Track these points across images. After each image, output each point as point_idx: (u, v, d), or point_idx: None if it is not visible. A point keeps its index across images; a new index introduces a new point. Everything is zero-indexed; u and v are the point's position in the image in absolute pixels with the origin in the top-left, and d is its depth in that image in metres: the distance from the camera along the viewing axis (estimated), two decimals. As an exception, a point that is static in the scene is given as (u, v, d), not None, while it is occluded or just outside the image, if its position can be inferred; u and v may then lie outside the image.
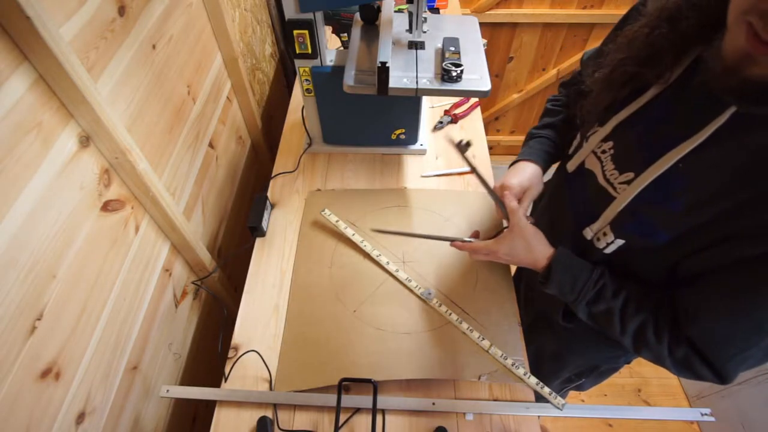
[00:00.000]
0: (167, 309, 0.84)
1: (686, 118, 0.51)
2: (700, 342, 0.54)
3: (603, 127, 0.62)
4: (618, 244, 0.59)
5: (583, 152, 0.66)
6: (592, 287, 0.61)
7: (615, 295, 0.60)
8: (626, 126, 0.59)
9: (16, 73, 0.48)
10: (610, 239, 0.60)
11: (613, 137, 0.61)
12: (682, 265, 0.55)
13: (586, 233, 0.64)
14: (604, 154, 0.62)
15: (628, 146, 0.58)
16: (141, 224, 0.73)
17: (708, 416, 0.72)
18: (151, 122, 0.75)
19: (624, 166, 0.58)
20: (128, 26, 0.68)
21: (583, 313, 0.64)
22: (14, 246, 0.49)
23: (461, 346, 0.80)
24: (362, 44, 0.91)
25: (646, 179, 0.53)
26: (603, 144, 0.62)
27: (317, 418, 0.74)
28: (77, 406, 0.60)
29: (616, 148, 0.60)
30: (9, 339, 0.48)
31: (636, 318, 0.58)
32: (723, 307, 0.51)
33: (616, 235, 0.59)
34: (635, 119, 0.58)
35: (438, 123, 1.19)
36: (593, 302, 0.62)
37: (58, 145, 0.54)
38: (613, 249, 0.60)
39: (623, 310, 0.59)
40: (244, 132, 1.25)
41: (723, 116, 0.47)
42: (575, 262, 0.64)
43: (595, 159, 0.63)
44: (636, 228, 0.57)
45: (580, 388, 1.01)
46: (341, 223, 0.94)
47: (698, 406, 1.40)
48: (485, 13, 1.74)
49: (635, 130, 0.58)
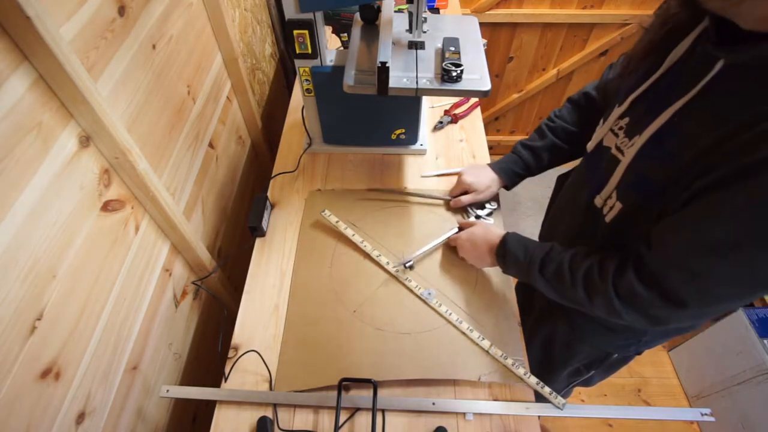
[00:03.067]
0: (167, 309, 0.84)
1: (686, 80, 0.54)
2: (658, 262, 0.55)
3: (621, 106, 0.65)
4: (617, 209, 0.62)
5: (601, 131, 0.70)
6: (540, 252, 0.66)
7: (563, 252, 0.65)
8: (640, 100, 0.63)
9: (16, 73, 0.48)
10: (613, 203, 0.62)
11: (628, 113, 0.65)
12: None
13: (597, 201, 0.67)
14: (620, 130, 0.65)
15: (640, 116, 0.61)
16: (141, 224, 0.73)
17: (708, 416, 0.72)
18: (151, 122, 0.75)
19: (633, 133, 0.61)
20: (128, 26, 0.68)
21: (538, 279, 0.67)
22: (14, 246, 0.49)
23: (461, 346, 0.80)
24: (362, 44, 0.91)
25: (645, 137, 0.57)
26: (620, 121, 0.66)
27: (317, 418, 0.74)
28: (77, 406, 0.60)
29: (630, 121, 0.64)
30: (9, 339, 0.48)
31: (584, 264, 0.62)
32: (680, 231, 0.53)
33: (617, 197, 0.62)
34: (648, 92, 0.62)
35: (438, 123, 1.19)
36: (544, 264, 0.66)
37: (58, 145, 0.54)
38: (613, 216, 0.63)
39: (571, 261, 0.63)
40: (244, 132, 1.25)
41: (713, 70, 0.50)
42: (527, 239, 0.71)
43: (612, 135, 0.67)
44: (633, 185, 0.60)
45: (588, 382, 1.01)
46: (341, 224, 0.94)
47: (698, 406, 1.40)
48: (485, 13, 1.74)
49: (647, 101, 0.61)
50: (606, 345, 0.85)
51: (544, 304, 0.93)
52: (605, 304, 0.60)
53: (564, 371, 0.97)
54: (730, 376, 1.42)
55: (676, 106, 0.54)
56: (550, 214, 0.93)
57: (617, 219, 0.62)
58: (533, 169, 0.91)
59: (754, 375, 1.34)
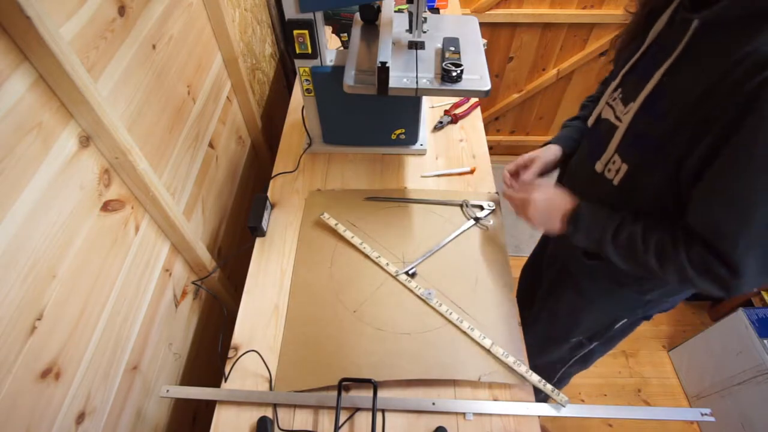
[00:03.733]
0: (167, 309, 0.84)
1: (669, 46, 0.61)
2: (706, 231, 0.58)
3: (615, 81, 0.72)
4: (624, 171, 0.67)
5: (599, 106, 0.76)
6: (612, 222, 0.68)
7: (635, 221, 0.66)
8: (630, 72, 0.69)
9: (16, 73, 0.48)
10: (618, 166, 0.67)
11: (621, 84, 0.71)
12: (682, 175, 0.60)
13: (597, 167, 0.72)
14: (615, 102, 0.71)
15: (633, 85, 0.67)
16: (141, 224, 0.73)
17: (708, 416, 0.72)
18: (151, 122, 0.75)
19: (628, 100, 0.67)
20: (128, 26, 0.68)
21: (610, 246, 0.68)
22: (14, 246, 0.49)
23: (461, 346, 0.80)
24: (362, 44, 0.91)
25: (639, 99, 0.63)
26: (614, 93, 0.72)
27: (317, 418, 0.74)
28: (77, 406, 0.60)
29: (624, 91, 0.69)
30: (9, 339, 0.48)
31: (655, 234, 0.63)
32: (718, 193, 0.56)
33: (622, 159, 0.67)
34: (636, 65, 0.68)
35: (438, 123, 1.19)
36: (617, 233, 0.67)
37: (58, 145, 0.54)
38: (620, 177, 0.67)
39: (644, 231, 0.65)
40: (244, 132, 1.25)
41: (690, 31, 0.57)
42: (598, 208, 0.71)
43: (609, 108, 0.72)
44: (633, 144, 0.65)
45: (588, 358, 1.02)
46: (340, 226, 0.94)
47: (698, 406, 1.40)
48: (485, 13, 1.74)
49: (637, 71, 0.68)
50: (613, 308, 0.87)
51: (553, 275, 0.96)
52: (678, 272, 0.62)
53: (566, 344, 0.98)
54: (730, 376, 1.42)
55: (663, 68, 0.60)
56: None
57: (625, 180, 0.67)
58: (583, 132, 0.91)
59: (754, 375, 1.34)
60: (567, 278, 0.91)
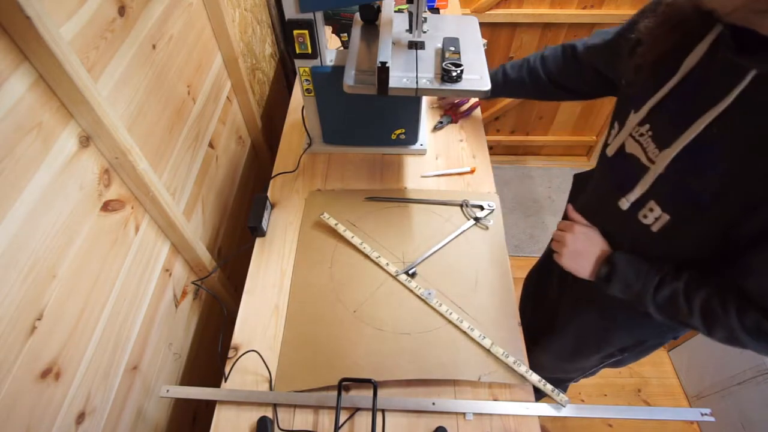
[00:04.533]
0: (167, 309, 0.84)
1: (713, 89, 0.54)
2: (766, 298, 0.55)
3: (638, 112, 0.65)
4: (664, 220, 0.61)
5: (621, 136, 0.69)
6: (655, 273, 0.64)
7: (677, 277, 0.63)
8: (660, 108, 0.62)
9: (16, 73, 0.48)
10: (657, 214, 0.62)
11: (649, 120, 0.63)
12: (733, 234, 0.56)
13: (622, 203, 0.67)
14: (642, 137, 0.64)
15: (665, 125, 0.61)
16: (141, 224, 0.73)
17: (708, 416, 0.72)
18: (151, 122, 0.75)
19: (663, 143, 0.60)
20: (128, 26, 0.68)
21: (650, 303, 0.65)
22: (14, 246, 0.49)
23: (461, 346, 0.80)
24: (362, 44, 0.91)
25: (679, 146, 0.57)
26: (640, 128, 0.65)
27: (317, 418, 0.74)
28: (77, 406, 0.60)
29: (653, 129, 0.63)
30: (9, 339, 0.48)
31: (700, 294, 0.60)
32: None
33: (662, 209, 0.61)
34: (668, 101, 0.61)
35: (438, 123, 1.19)
36: (658, 288, 0.64)
37: (58, 146, 0.54)
38: (660, 225, 0.62)
39: (687, 289, 0.61)
40: (244, 132, 1.25)
41: (745, 80, 0.50)
42: (635, 256, 0.68)
43: (635, 143, 0.66)
44: (678, 196, 0.59)
45: (619, 363, 1.01)
46: (340, 226, 0.94)
47: (698, 406, 1.40)
48: (485, 13, 1.74)
49: (669, 111, 0.61)
50: (643, 334, 0.85)
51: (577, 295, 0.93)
52: (727, 336, 0.60)
53: (598, 355, 0.97)
54: (730, 376, 1.42)
55: (708, 117, 0.53)
56: None
57: (667, 230, 0.62)
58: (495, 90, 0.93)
59: (754, 375, 1.33)
60: (589, 298, 0.88)
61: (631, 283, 0.66)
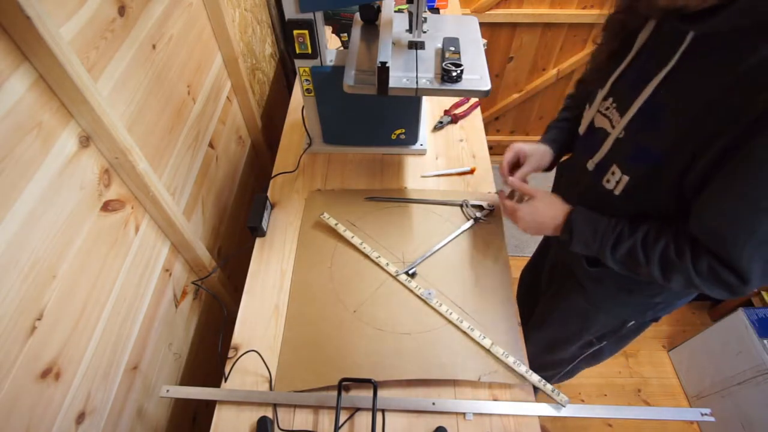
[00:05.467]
0: (167, 309, 0.84)
1: (661, 55, 0.59)
2: (714, 241, 0.58)
3: (603, 89, 0.71)
4: (624, 182, 0.66)
5: (589, 113, 0.74)
6: (611, 232, 0.68)
7: (633, 231, 0.66)
8: (620, 80, 0.68)
9: (16, 73, 0.48)
10: (618, 177, 0.67)
11: (612, 93, 0.70)
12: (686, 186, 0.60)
13: (589, 165, 0.73)
14: (608, 110, 0.70)
15: (624, 94, 0.66)
16: (141, 224, 0.73)
17: (708, 416, 0.72)
18: (151, 122, 0.75)
19: (622, 109, 0.66)
20: (128, 26, 0.68)
21: (609, 259, 0.68)
22: (14, 246, 0.49)
23: (461, 346, 0.80)
24: (362, 44, 0.91)
25: (633, 109, 0.62)
26: (605, 102, 0.71)
27: (317, 418, 0.74)
28: (77, 406, 0.60)
29: (616, 101, 0.68)
30: (9, 339, 0.48)
31: (657, 245, 0.63)
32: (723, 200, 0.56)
33: (622, 171, 0.66)
34: (626, 73, 0.67)
35: (438, 123, 1.19)
36: (616, 245, 0.67)
37: (58, 145, 0.54)
38: (622, 188, 0.67)
39: (644, 241, 0.64)
40: (244, 132, 1.25)
41: (685, 42, 0.56)
42: (593, 215, 0.71)
43: (603, 117, 0.71)
44: (636, 156, 0.64)
45: (598, 356, 1.02)
46: (340, 226, 0.94)
47: (698, 406, 1.40)
48: (485, 13, 1.74)
49: (628, 80, 0.67)
50: (623, 313, 0.87)
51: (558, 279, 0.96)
52: (684, 281, 0.63)
53: (576, 343, 0.98)
54: (730, 376, 1.42)
55: (658, 78, 0.59)
56: None
57: (626, 191, 0.67)
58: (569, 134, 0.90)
59: (754, 375, 1.34)
60: (572, 283, 0.90)
61: (589, 243, 0.70)
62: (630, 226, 0.67)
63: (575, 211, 0.73)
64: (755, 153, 0.50)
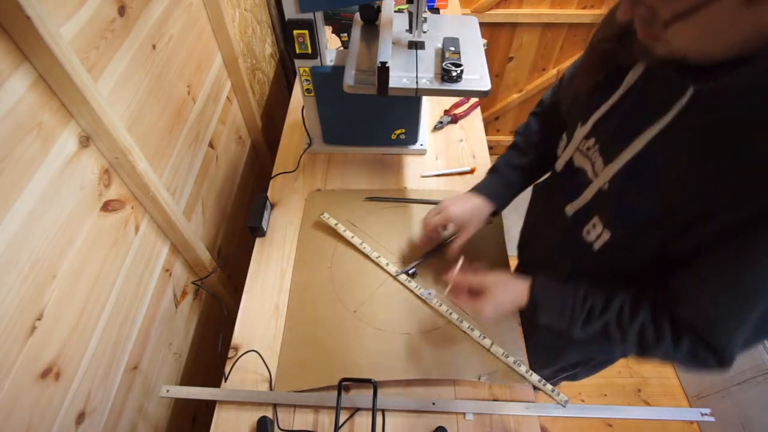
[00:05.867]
0: (167, 309, 0.84)
1: (654, 105, 0.52)
2: (700, 325, 0.54)
3: (584, 126, 0.63)
4: (605, 238, 0.60)
5: (569, 150, 0.68)
6: (581, 308, 0.61)
7: (606, 307, 0.60)
8: (605, 121, 0.60)
9: (16, 73, 0.48)
10: (599, 230, 0.60)
11: (594, 134, 0.62)
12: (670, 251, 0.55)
13: (568, 210, 0.66)
14: (589, 151, 0.63)
15: (610, 139, 0.60)
16: (141, 224, 0.73)
17: (708, 416, 0.72)
18: (151, 122, 0.75)
19: (608, 158, 0.59)
20: (128, 26, 0.68)
21: (580, 334, 0.63)
22: (14, 246, 0.49)
23: (461, 346, 0.80)
24: (362, 44, 0.91)
25: (621, 161, 0.55)
26: (586, 141, 0.64)
27: (317, 418, 0.74)
28: (77, 406, 0.60)
29: (599, 143, 0.61)
30: (9, 339, 0.48)
31: (634, 323, 0.58)
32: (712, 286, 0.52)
33: (604, 225, 0.60)
34: (612, 114, 0.59)
35: (438, 123, 1.19)
36: (586, 323, 0.61)
37: (58, 145, 0.54)
38: (602, 243, 0.60)
39: (619, 318, 0.59)
40: (244, 132, 1.25)
41: (684, 97, 0.48)
42: (554, 289, 0.65)
43: (583, 157, 0.65)
44: (620, 213, 0.58)
45: (573, 377, 1.01)
46: (340, 226, 0.94)
47: (698, 406, 1.40)
48: (485, 13, 1.74)
49: (612, 124, 0.59)
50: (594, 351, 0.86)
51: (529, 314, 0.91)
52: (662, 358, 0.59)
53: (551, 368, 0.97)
54: (730, 376, 1.42)
55: (650, 134, 0.52)
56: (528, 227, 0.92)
57: (607, 248, 0.60)
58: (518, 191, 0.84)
59: (754, 375, 1.33)
60: None
61: (556, 320, 0.64)
62: (601, 300, 0.60)
63: (535, 287, 0.66)
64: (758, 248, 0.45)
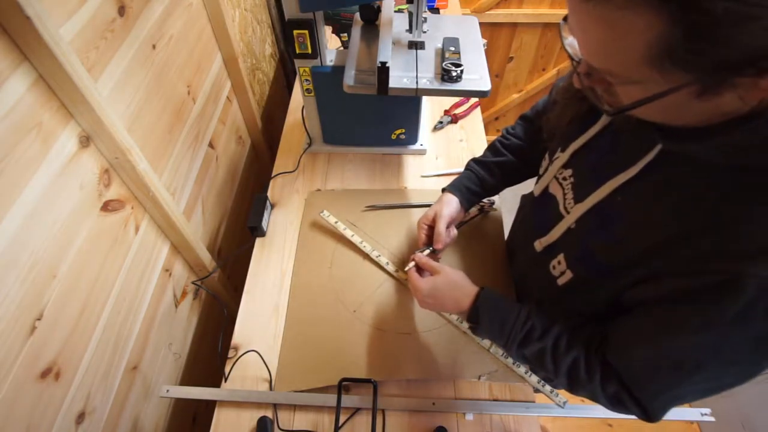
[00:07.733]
0: (167, 309, 0.84)
1: (626, 150, 0.52)
2: (627, 376, 0.53)
3: (563, 153, 0.63)
4: (568, 277, 0.60)
5: (546, 177, 0.68)
6: (520, 329, 0.60)
7: (544, 334, 0.60)
8: (582, 154, 0.60)
9: (16, 73, 0.48)
10: (563, 269, 0.61)
11: (571, 165, 0.62)
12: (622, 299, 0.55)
13: (537, 245, 0.67)
14: (565, 182, 0.63)
15: (584, 175, 0.59)
16: (141, 224, 0.73)
17: (708, 416, 0.72)
18: (151, 122, 0.75)
19: (579, 196, 0.59)
20: (128, 26, 0.68)
21: (515, 355, 0.63)
22: (14, 246, 0.49)
23: (461, 346, 0.80)
24: (362, 44, 0.91)
25: (588, 205, 0.55)
26: (564, 171, 0.63)
27: (317, 418, 0.74)
28: (77, 406, 0.60)
29: (575, 176, 0.61)
30: (9, 339, 0.48)
31: (567, 356, 0.57)
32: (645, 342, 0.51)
33: (567, 265, 0.60)
34: (589, 147, 0.59)
35: (438, 123, 1.19)
36: (523, 344, 0.61)
37: (58, 145, 0.54)
38: (565, 281, 0.61)
39: (554, 348, 0.58)
40: (244, 132, 1.25)
41: (651, 152, 0.48)
42: (501, 303, 0.64)
43: (558, 185, 0.64)
44: (580, 259, 0.58)
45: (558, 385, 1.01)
46: (340, 225, 0.94)
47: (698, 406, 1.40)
48: (485, 13, 1.74)
49: (589, 159, 0.59)
50: None
51: None
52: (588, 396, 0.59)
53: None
54: (730, 376, 1.42)
55: (616, 183, 0.52)
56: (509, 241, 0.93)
57: (569, 286, 0.60)
58: (488, 187, 0.83)
59: (754, 375, 1.33)
60: None
61: (495, 336, 0.64)
62: (541, 325, 0.60)
63: (481, 298, 0.64)
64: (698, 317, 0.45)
